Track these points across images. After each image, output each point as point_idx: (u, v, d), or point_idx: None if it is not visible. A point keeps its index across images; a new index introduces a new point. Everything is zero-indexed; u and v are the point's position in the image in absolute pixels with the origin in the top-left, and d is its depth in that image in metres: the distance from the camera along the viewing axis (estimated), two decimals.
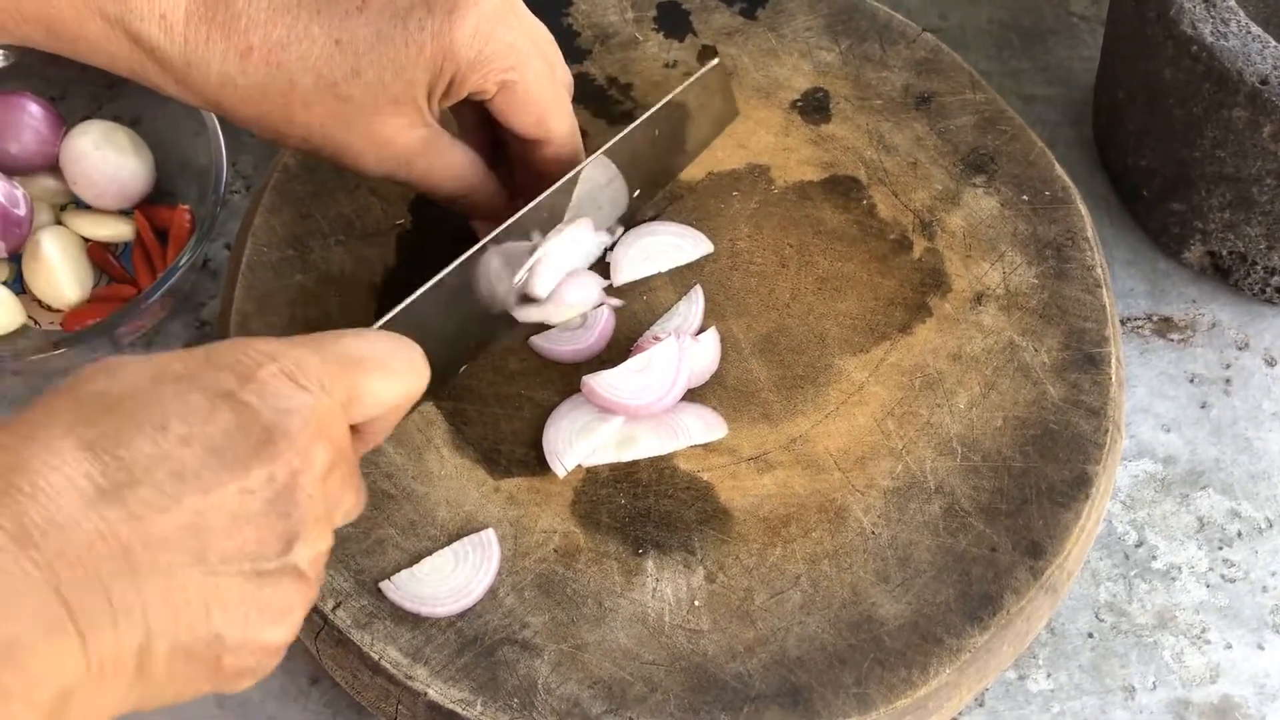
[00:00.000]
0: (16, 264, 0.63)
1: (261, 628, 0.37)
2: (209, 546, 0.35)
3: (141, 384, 0.36)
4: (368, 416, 0.41)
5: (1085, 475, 0.53)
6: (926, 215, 0.60)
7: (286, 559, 0.37)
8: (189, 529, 0.35)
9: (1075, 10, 0.77)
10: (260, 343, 0.39)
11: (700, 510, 0.53)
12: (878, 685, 0.49)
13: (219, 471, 0.35)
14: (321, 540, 0.38)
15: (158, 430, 0.35)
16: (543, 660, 0.49)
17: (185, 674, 0.36)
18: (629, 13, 0.66)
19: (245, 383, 0.37)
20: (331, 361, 0.40)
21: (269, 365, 0.38)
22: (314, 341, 0.40)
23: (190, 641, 0.35)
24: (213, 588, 0.35)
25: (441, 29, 0.47)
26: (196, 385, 0.37)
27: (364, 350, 0.41)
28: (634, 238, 0.59)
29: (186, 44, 0.46)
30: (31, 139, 0.63)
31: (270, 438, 0.36)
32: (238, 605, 0.36)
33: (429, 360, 0.44)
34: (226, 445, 0.36)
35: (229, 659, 0.36)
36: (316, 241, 0.58)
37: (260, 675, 0.38)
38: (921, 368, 0.56)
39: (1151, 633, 0.57)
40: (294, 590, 0.37)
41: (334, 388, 0.39)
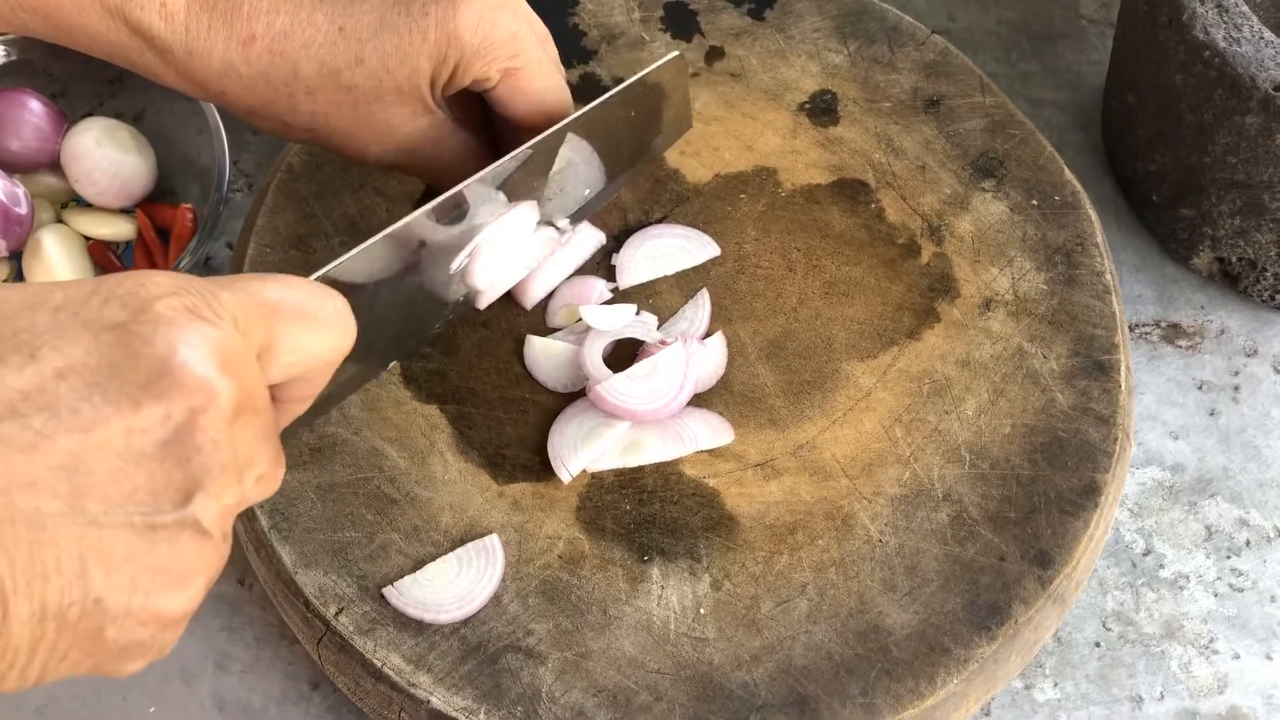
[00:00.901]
0: (17, 262, 0.62)
1: (154, 593, 0.31)
2: (88, 492, 0.30)
3: (11, 310, 0.31)
4: (287, 372, 0.37)
5: (1094, 484, 0.53)
6: (935, 219, 0.60)
7: (185, 511, 0.31)
8: (62, 471, 0.30)
9: (1084, 14, 0.76)
10: (162, 274, 0.34)
11: (706, 517, 0.52)
12: (885, 695, 0.48)
13: (102, 406, 0.30)
14: (228, 493, 0.33)
15: (26, 359, 0.30)
16: (547, 668, 0.48)
17: (57, 647, 0.31)
18: (635, 13, 0.65)
19: (139, 314, 0.32)
20: (246, 302, 0.34)
21: (170, 298, 0.32)
22: (229, 280, 0.35)
23: (62, 604, 0.30)
24: (92, 541, 0.30)
25: (446, 16, 0.47)
26: (79, 315, 0.31)
27: (285, 295, 0.36)
28: (640, 240, 0.58)
29: (188, 33, 0.46)
30: (33, 136, 0.62)
31: (166, 369, 0.31)
32: (123, 564, 0.31)
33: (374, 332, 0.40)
34: (111, 378, 0.31)
35: (113, 630, 0.31)
36: (320, 242, 0.58)
37: (154, 654, 0.33)
38: (930, 374, 0.56)
39: (1159, 642, 0.57)
40: (194, 549, 0.32)
41: (249, 329, 0.34)
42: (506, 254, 0.53)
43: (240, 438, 0.33)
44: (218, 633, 0.56)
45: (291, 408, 0.39)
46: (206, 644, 0.55)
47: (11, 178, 0.61)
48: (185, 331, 0.32)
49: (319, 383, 0.39)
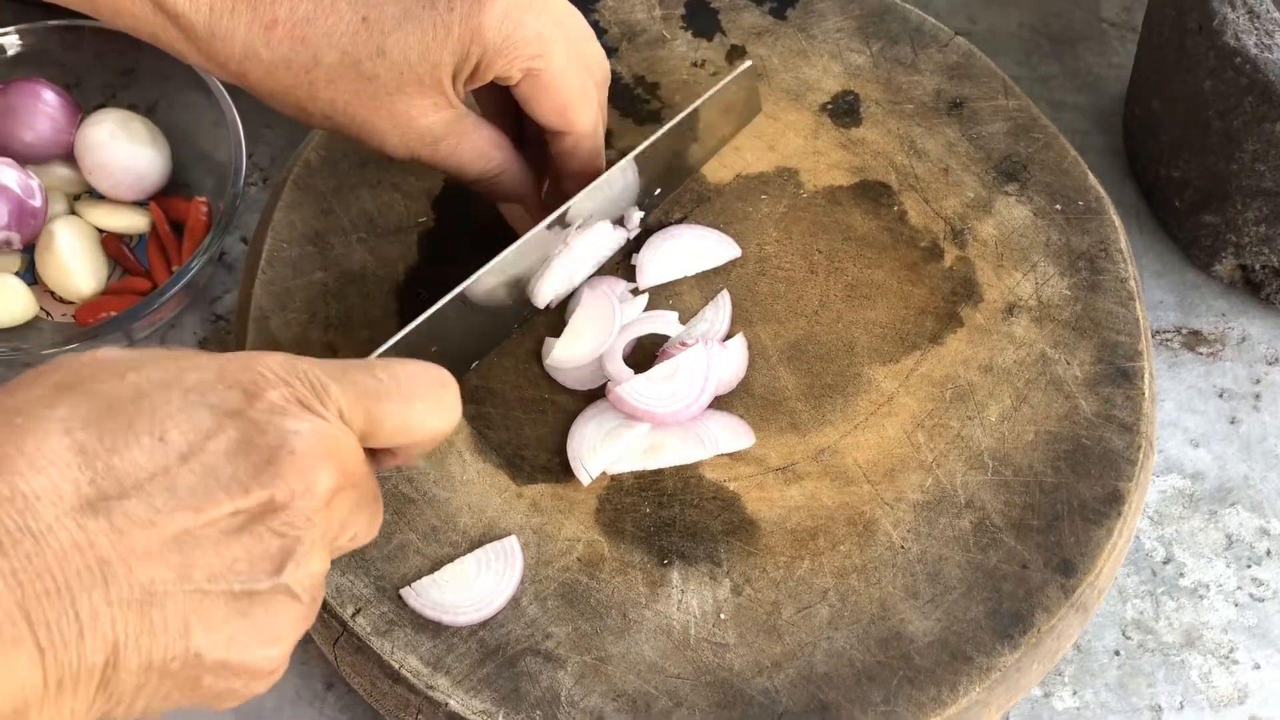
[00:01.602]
0: (29, 255, 0.62)
1: (247, 649, 0.35)
2: (194, 564, 0.33)
3: (149, 389, 0.35)
4: (392, 444, 0.40)
5: (1118, 492, 0.52)
6: (958, 223, 0.59)
7: (278, 579, 0.35)
8: (174, 545, 0.33)
9: (1106, 17, 0.76)
10: (277, 360, 0.37)
11: (727, 521, 0.52)
12: (907, 703, 0.48)
13: (215, 491, 0.34)
14: (318, 562, 0.36)
15: (156, 441, 0.34)
16: (566, 672, 0.48)
17: (158, 690, 0.34)
18: (657, 10, 0.65)
19: (255, 401, 0.35)
20: (350, 394, 0.38)
21: (283, 388, 0.36)
22: (338, 370, 0.38)
23: (165, 659, 0.33)
24: (195, 605, 0.34)
25: (470, 12, 0.47)
26: (206, 399, 0.35)
27: (392, 385, 0.39)
28: (660, 240, 0.58)
29: (211, 13, 0.46)
30: (47, 127, 0.61)
31: (273, 459, 0.35)
32: (221, 625, 0.34)
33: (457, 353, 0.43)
34: (226, 464, 0.34)
35: (209, 679, 0.35)
36: (337, 238, 0.57)
37: (245, 698, 0.37)
38: (952, 379, 0.55)
39: (1179, 651, 0.56)
40: (285, 612, 0.36)
41: (353, 416, 0.38)
42: (572, 268, 0.55)
43: (336, 511, 0.37)
44: None
45: (394, 461, 0.42)
46: None
47: (25, 169, 0.60)
48: (294, 422, 0.35)
49: (424, 450, 0.42)
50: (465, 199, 0.58)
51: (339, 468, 0.36)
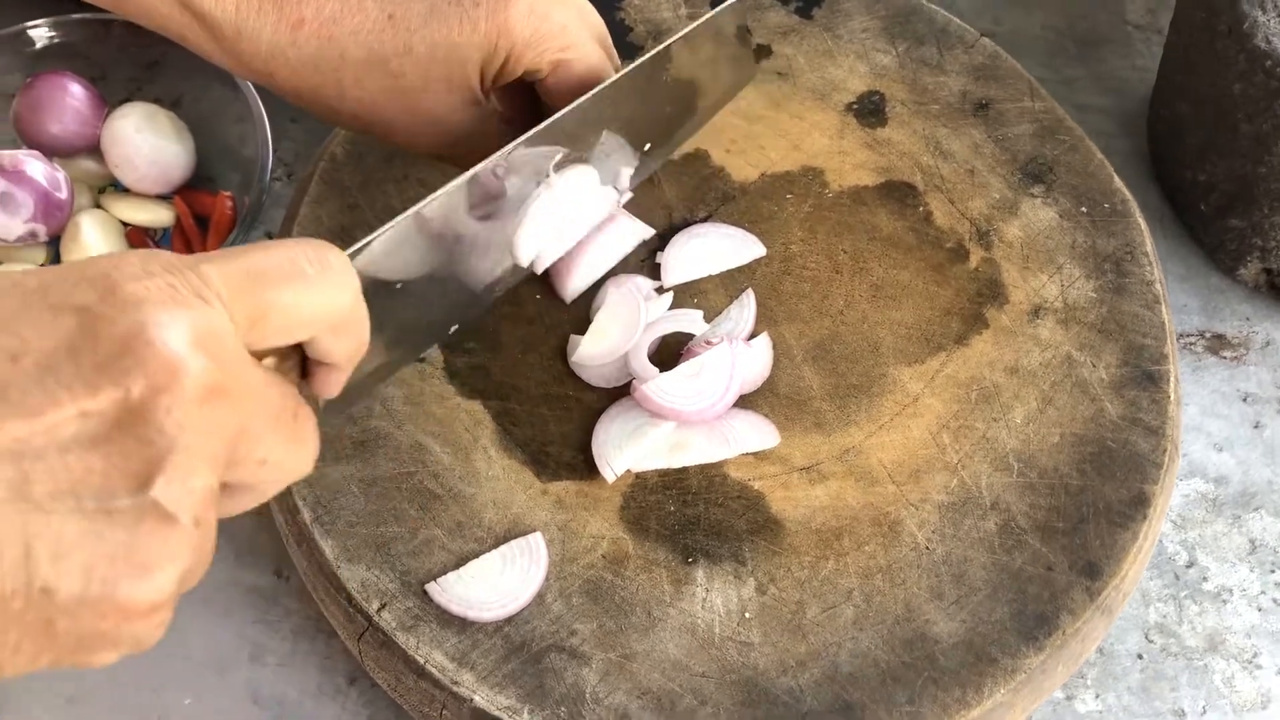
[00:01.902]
0: (55, 247, 0.62)
1: (111, 581, 0.30)
2: (34, 478, 0.29)
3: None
4: (289, 335, 0.35)
5: (1143, 495, 0.52)
6: (983, 224, 0.59)
7: (144, 495, 0.30)
8: (8, 456, 0.28)
9: (1131, 19, 0.75)
10: (139, 255, 0.32)
11: (751, 520, 0.52)
12: (931, 704, 0.48)
13: (53, 389, 0.29)
14: (200, 478, 0.31)
15: None
16: (591, 669, 0.48)
17: (5, 638, 0.29)
18: (681, 8, 0.65)
19: (108, 296, 0.30)
20: (230, 272, 0.33)
21: (144, 280, 0.31)
22: (211, 254, 0.33)
23: (7, 592, 0.29)
24: (36, 526, 0.29)
25: (497, 7, 0.47)
26: (47, 298, 0.30)
27: (270, 260, 0.34)
28: (685, 239, 0.58)
29: (238, 13, 0.46)
30: (73, 120, 0.62)
31: (124, 350, 0.30)
32: (73, 551, 0.29)
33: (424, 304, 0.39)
34: (67, 361, 0.29)
35: (64, 622, 0.30)
36: (362, 233, 0.57)
37: (127, 646, 0.31)
38: (978, 380, 0.55)
39: (1202, 656, 0.56)
40: (158, 536, 0.30)
41: (234, 302, 0.32)
42: (558, 220, 0.51)
43: (218, 417, 0.31)
44: (253, 625, 0.55)
45: (333, 371, 0.38)
46: (241, 636, 0.55)
47: (51, 161, 0.60)
48: (154, 310, 0.30)
49: (350, 340, 0.37)
50: None
51: (216, 359, 0.31)
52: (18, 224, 0.59)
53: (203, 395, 0.31)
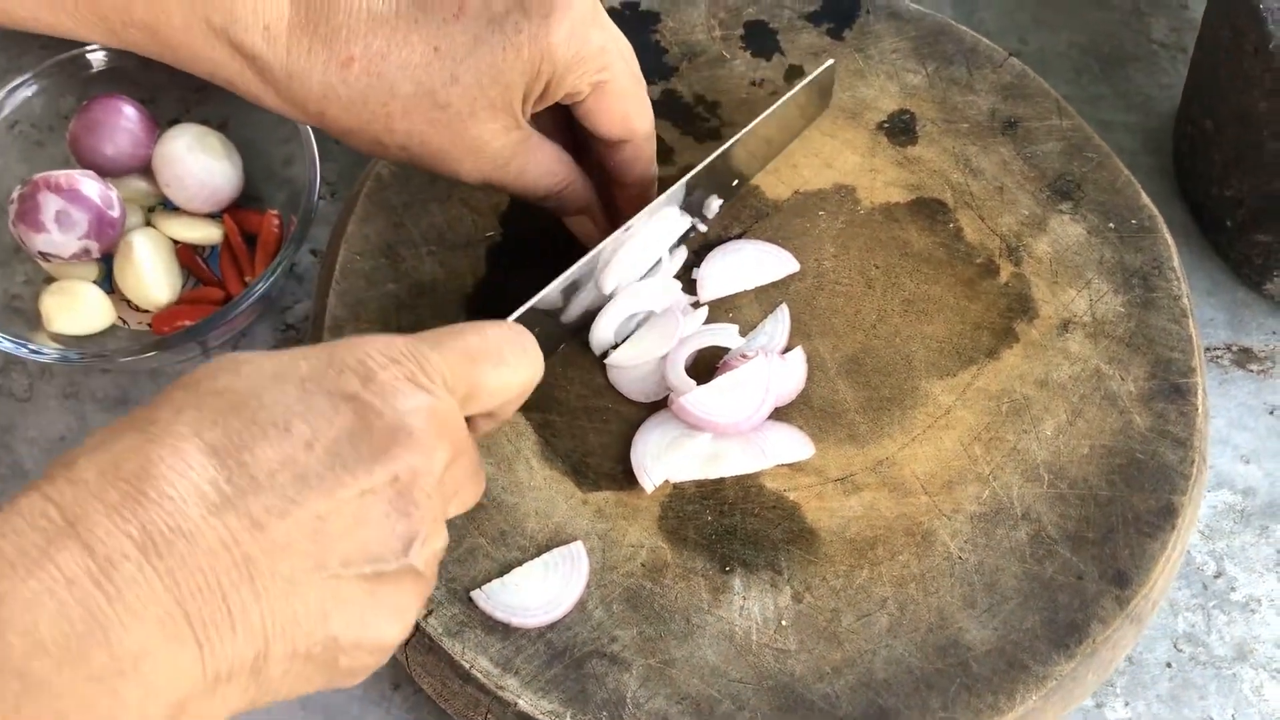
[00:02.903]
0: (107, 264, 0.64)
1: (378, 627, 0.37)
2: (329, 550, 0.35)
3: (264, 383, 0.36)
4: (487, 408, 0.42)
5: (1171, 506, 0.53)
6: (1013, 240, 0.60)
7: (405, 560, 0.37)
8: (310, 534, 0.35)
9: (1155, 37, 0.76)
10: (383, 342, 0.39)
11: (787, 530, 0.53)
12: (964, 710, 0.49)
13: (341, 474, 0.35)
14: (438, 539, 0.38)
15: (281, 433, 0.35)
16: (631, 674, 0.49)
17: (300, 674, 0.36)
18: (716, 31, 0.66)
19: (368, 384, 0.37)
20: (452, 358, 0.40)
21: (391, 367, 0.38)
22: (434, 338, 0.40)
23: (308, 645, 0.35)
24: (331, 591, 0.35)
25: (539, 32, 0.48)
26: (321, 386, 0.37)
27: (482, 345, 0.41)
28: (721, 255, 0.59)
29: (289, 55, 0.47)
30: (127, 141, 0.64)
31: (394, 439, 0.36)
32: (355, 608, 0.36)
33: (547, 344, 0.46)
34: (349, 447, 0.36)
35: (345, 659, 0.37)
36: (408, 250, 0.59)
37: (373, 670, 0.39)
38: (1008, 393, 0.56)
39: (1230, 665, 0.57)
40: (411, 589, 0.38)
41: (455, 385, 0.40)
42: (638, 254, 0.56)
43: (449, 485, 0.39)
44: None
45: (493, 423, 0.45)
46: None
47: (105, 181, 0.62)
48: (408, 401, 0.37)
49: (516, 405, 0.45)
50: (531, 214, 0.60)
51: (450, 441, 0.38)
52: (72, 241, 0.60)
53: (442, 472, 0.38)
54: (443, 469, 0.38)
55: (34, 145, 0.65)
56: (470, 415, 0.42)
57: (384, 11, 0.47)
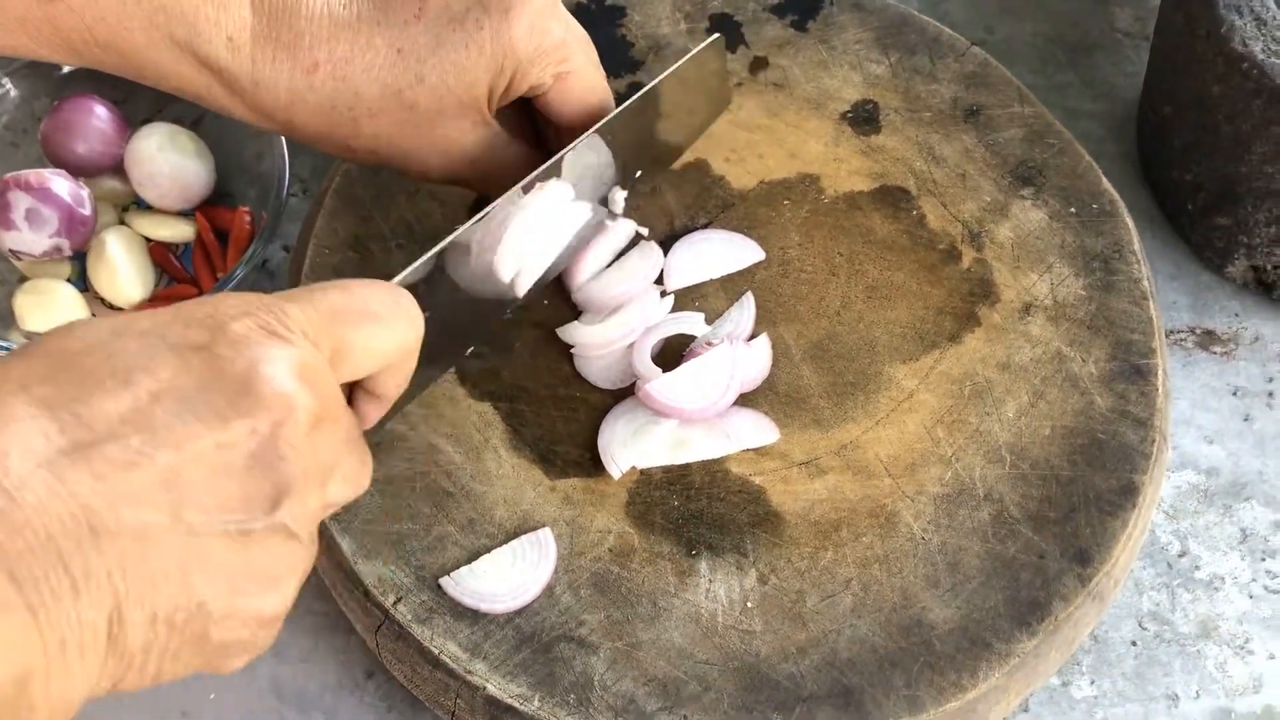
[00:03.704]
0: (80, 262, 0.65)
1: (251, 594, 0.34)
2: (185, 504, 0.32)
3: (102, 338, 0.33)
4: (361, 371, 0.39)
5: (1132, 484, 0.54)
6: (975, 226, 0.61)
7: (273, 517, 0.34)
8: (162, 486, 0.32)
9: (1119, 26, 0.77)
10: (235, 297, 0.36)
11: (752, 513, 0.53)
12: (928, 688, 0.49)
13: (193, 424, 0.32)
14: (312, 497, 0.35)
15: (121, 384, 0.32)
16: (599, 657, 0.50)
17: (168, 648, 0.33)
18: (682, 24, 0.67)
19: (218, 335, 0.34)
20: (313, 312, 0.37)
21: (244, 319, 0.35)
22: (294, 294, 0.38)
23: (170, 610, 0.32)
24: (192, 550, 0.32)
25: (500, 28, 0.49)
26: (165, 340, 0.34)
27: (349, 300, 0.39)
28: (687, 244, 0.60)
29: (254, 64, 0.47)
30: (98, 140, 0.64)
31: (247, 388, 0.34)
32: (222, 569, 0.33)
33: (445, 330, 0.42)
34: (200, 397, 0.33)
35: (216, 631, 0.34)
36: (377, 244, 0.60)
37: (255, 651, 0.36)
38: (971, 376, 0.57)
39: (1194, 642, 0.58)
40: (284, 552, 0.35)
41: (319, 340, 0.37)
42: (535, 238, 0.53)
43: (320, 444, 0.36)
44: None
45: (379, 403, 0.42)
46: None
47: (77, 180, 0.63)
48: (264, 349, 0.34)
49: (401, 375, 0.42)
50: None
51: (316, 393, 0.35)
52: (43, 239, 0.61)
53: (311, 425, 0.35)
54: (310, 422, 0.35)
55: (9, 146, 0.66)
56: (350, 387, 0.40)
57: (345, 16, 0.47)
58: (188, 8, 0.45)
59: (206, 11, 0.46)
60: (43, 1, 0.44)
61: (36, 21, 0.45)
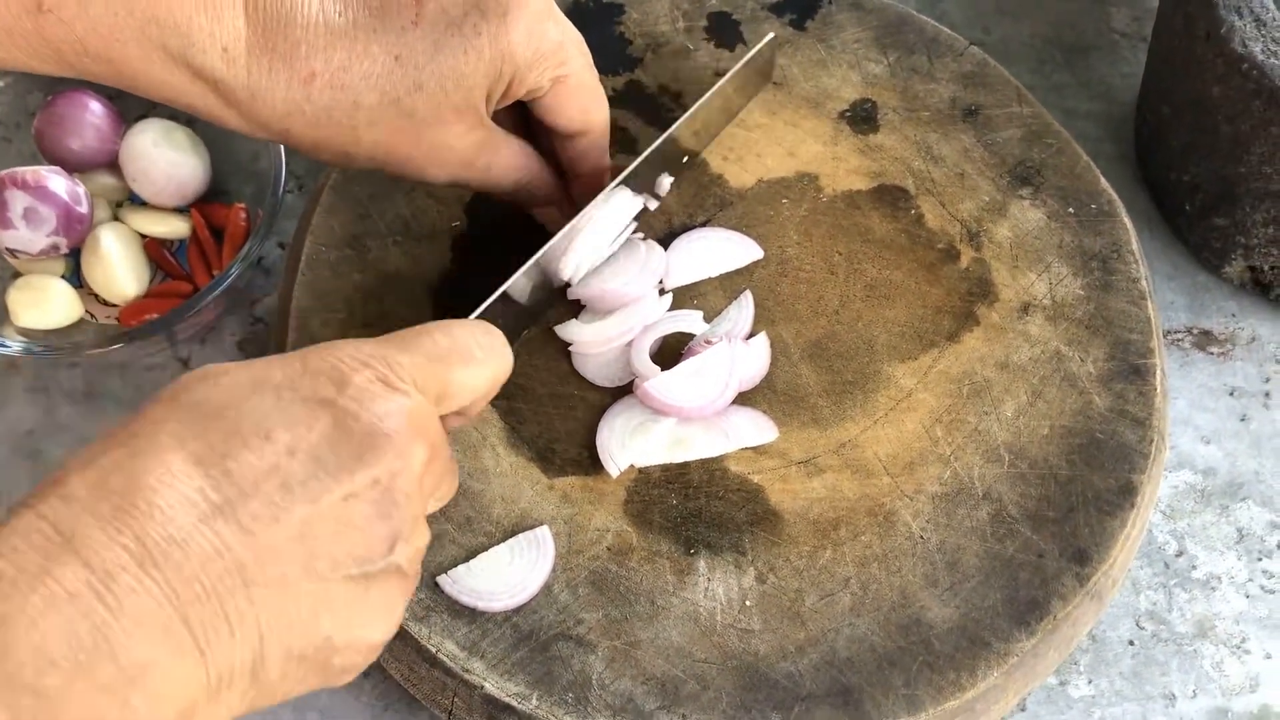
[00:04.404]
0: (75, 259, 0.64)
1: (368, 627, 0.38)
2: (317, 554, 0.36)
3: (241, 393, 0.37)
4: (460, 404, 0.43)
5: (1131, 484, 0.54)
6: (974, 225, 0.61)
7: (390, 559, 0.38)
8: (298, 538, 0.36)
9: (1116, 27, 0.77)
10: (353, 347, 0.40)
11: (751, 512, 0.53)
12: (926, 687, 0.49)
13: (324, 479, 0.36)
14: (420, 537, 0.39)
15: (263, 441, 0.36)
16: (597, 656, 0.50)
17: (297, 676, 0.37)
18: (680, 22, 0.67)
19: (343, 388, 0.38)
20: (421, 360, 0.41)
21: (364, 370, 0.39)
22: (401, 340, 0.41)
23: (302, 647, 0.36)
24: (322, 594, 0.36)
25: (498, 33, 0.48)
26: (297, 394, 0.38)
27: (451, 344, 0.42)
28: (685, 242, 0.60)
29: (250, 75, 0.46)
30: (93, 136, 0.64)
31: (371, 442, 0.37)
32: (345, 608, 0.37)
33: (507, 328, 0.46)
34: (330, 452, 0.37)
35: (338, 659, 0.38)
36: (374, 241, 0.59)
37: (363, 668, 0.40)
38: (969, 375, 0.57)
39: (1191, 641, 0.58)
40: (396, 587, 0.39)
41: (426, 385, 0.41)
42: (600, 237, 0.56)
43: (428, 484, 0.40)
44: None
45: (463, 420, 0.45)
46: None
47: (72, 177, 0.62)
48: (383, 404, 0.38)
49: (486, 401, 0.46)
50: (496, 204, 0.60)
51: (426, 439, 0.39)
52: (41, 237, 0.61)
53: (421, 471, 0.39)
54: (421, 468, 0.39)
55: (1, 142, 0.66)
56: (443, 414, 0.43)
57: (341, 24, 0.47)
58: (181, 19, 0.45)
59: (200, 22, 0.45)
60: (32, 13, 0.43)
61: (26, 33, 0.44)
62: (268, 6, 0.46)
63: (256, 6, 0.46)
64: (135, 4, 0.44)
